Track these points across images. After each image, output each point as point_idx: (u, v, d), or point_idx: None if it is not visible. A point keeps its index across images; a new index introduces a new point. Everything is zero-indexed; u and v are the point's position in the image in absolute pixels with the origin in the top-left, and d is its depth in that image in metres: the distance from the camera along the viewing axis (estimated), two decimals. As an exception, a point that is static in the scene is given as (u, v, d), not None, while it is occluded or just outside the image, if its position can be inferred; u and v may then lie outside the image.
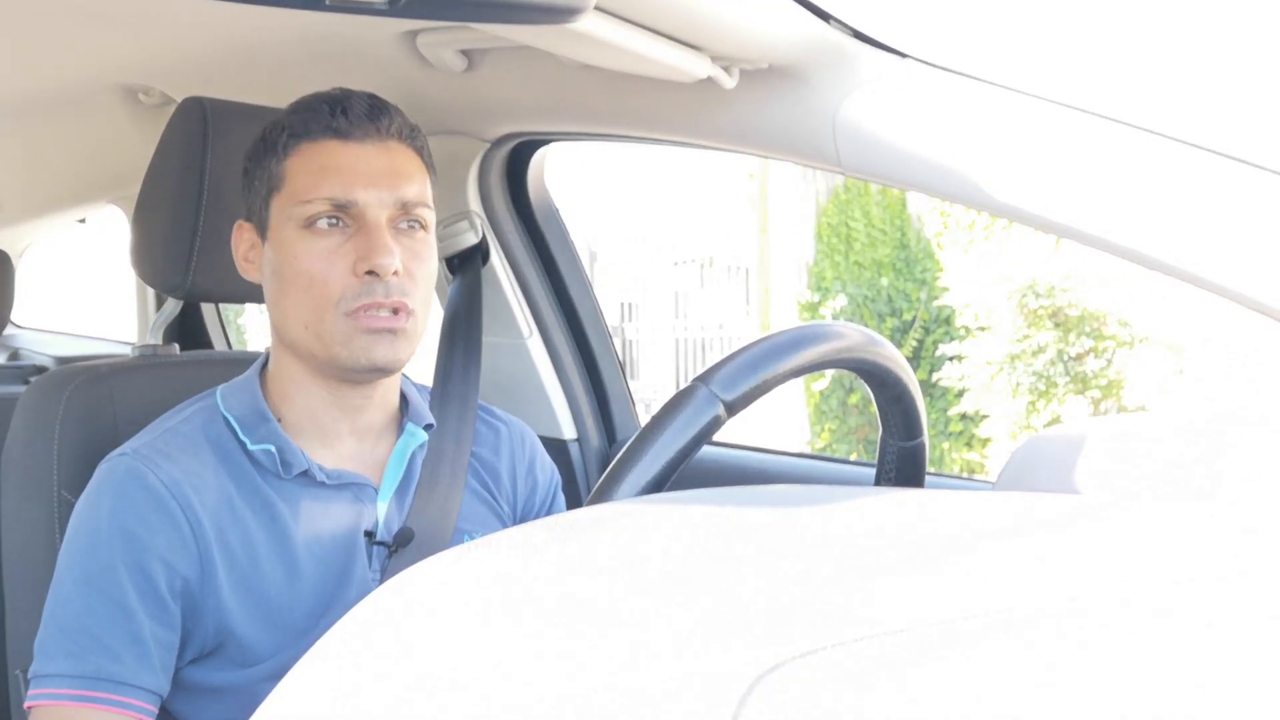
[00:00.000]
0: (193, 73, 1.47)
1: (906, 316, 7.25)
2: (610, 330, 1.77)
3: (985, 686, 0.31)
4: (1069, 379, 5.90)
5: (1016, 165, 0.94)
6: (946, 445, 6.84)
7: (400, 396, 1.09)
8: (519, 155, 1.63)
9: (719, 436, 0.81)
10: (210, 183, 1.14)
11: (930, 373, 6.79)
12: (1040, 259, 5.95)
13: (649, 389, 8.05)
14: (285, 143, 1.00)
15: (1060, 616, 0.35)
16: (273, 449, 1.00)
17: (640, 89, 1.20)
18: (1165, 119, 0.88)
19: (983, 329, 6.31)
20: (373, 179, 0.98)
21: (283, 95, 1.08)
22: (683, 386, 0.76)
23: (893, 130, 1.01)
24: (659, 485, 0.72)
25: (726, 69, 1.10)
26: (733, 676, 0.31)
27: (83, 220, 2.91)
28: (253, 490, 0.99)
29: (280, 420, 1.02)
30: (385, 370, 1.00)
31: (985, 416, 6.39)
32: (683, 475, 0.73)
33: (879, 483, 0.93)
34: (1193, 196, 0.86)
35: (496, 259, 1.63)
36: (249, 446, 1.00)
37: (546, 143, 1.61)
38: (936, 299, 7.01)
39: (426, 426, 1.09)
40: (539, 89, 1.35)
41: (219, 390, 1.06)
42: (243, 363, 1.12)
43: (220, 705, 0.98)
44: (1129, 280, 5.65)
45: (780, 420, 6.87)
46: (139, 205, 1.19)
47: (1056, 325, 5.94)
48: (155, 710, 0.94)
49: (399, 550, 1.03)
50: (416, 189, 1.00)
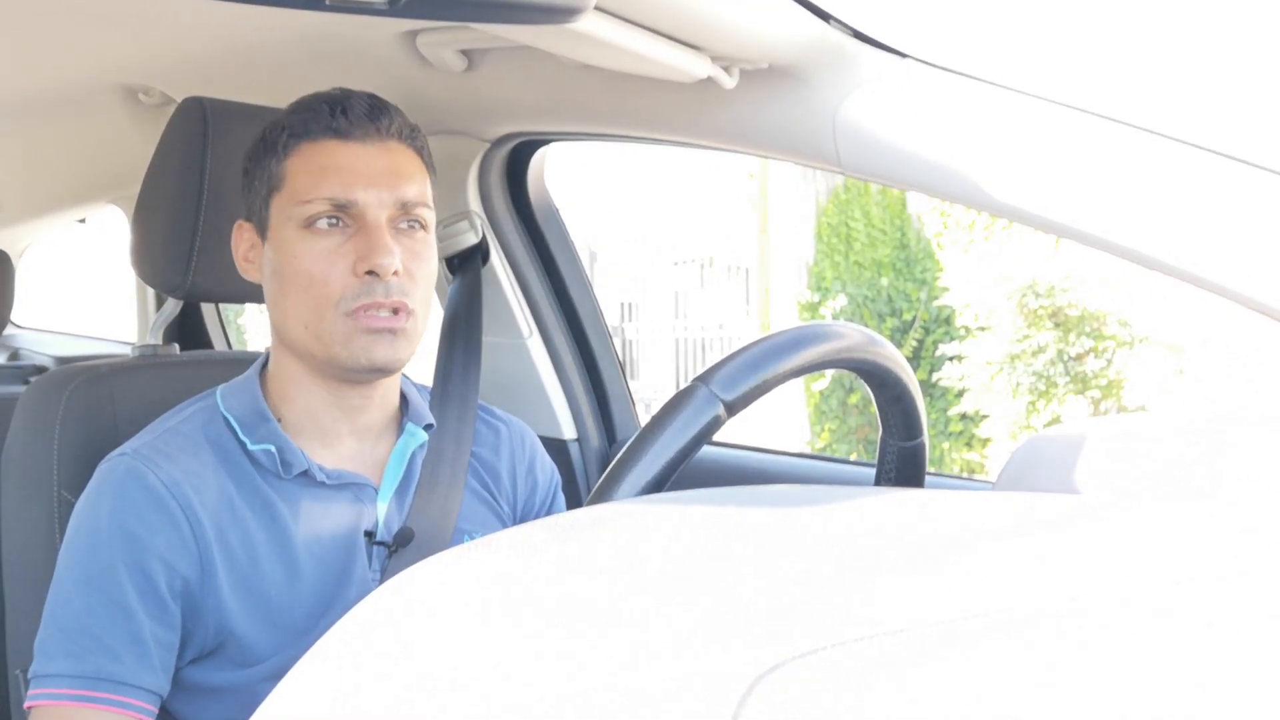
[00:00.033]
0: (193, 73, 1.47)
1: (906, 316, 7.25)
2: (610, 330, 1.77)
3: (985, 686, 0.31)
4: (1069, 379, 5.90)
5: (1016, 165, 0.94)
6: (946, 445, 6.84)
7: (400, 396, 1.09)
8: (519, 155, 1.63)
9: (719, 436, 0.81)
10: (210, 183, 1.14)
11: (930, 373, 6.79)
12: (1040, 259, 5.95)
13: (649, 389, 8.05)
14: (285, 143, 1.00)
15: (1060, 616, 0.35)
16: (273, 449, 1.00)
17: (640, 89, 1.20)
18: (1165, 119, 0.88)
19: (983, 329, 6.31)
20: (373, 179, 0.98)
21: (283, 95, 1.08)
22: (683, 386, 0.76)
23: (893, 130, 1.01)
24: (659, 485, 0.72)
25: (726, 69, 1.10)
26: (733, 676, 0.31)
27: (83, 220, 2.92)
28: (253, 490, 0.99)
29: (280, 420, 1.02)
30: (385, 370, 1.00)
31: (985, 416, 6.39)
32: (683, 475, 0.73)
33: (879, 483, 0.93)
34: (1193, 196, 0.86)
35: (496, 259, 1.63)
36: (249, 446, 1.00)
37: (546, 143, 1.61)
38: (936, 299, 7.01)
39: (426, 426, 1.09)
40: (539, 89, 1.35)
41: (219, 390, 1.06)
42: (243, 363, 1.12)
43: (220, 705, 0.98)
44: (1129, 280, 5.65)
45: (780, 420, 6.87)
46: (139, 205, 1.19)
47: (1056, 325, 5.94)
48: (155, 710, 0.94)
49: (399, 550, 1.03)
50: (417, 189, 1.01)
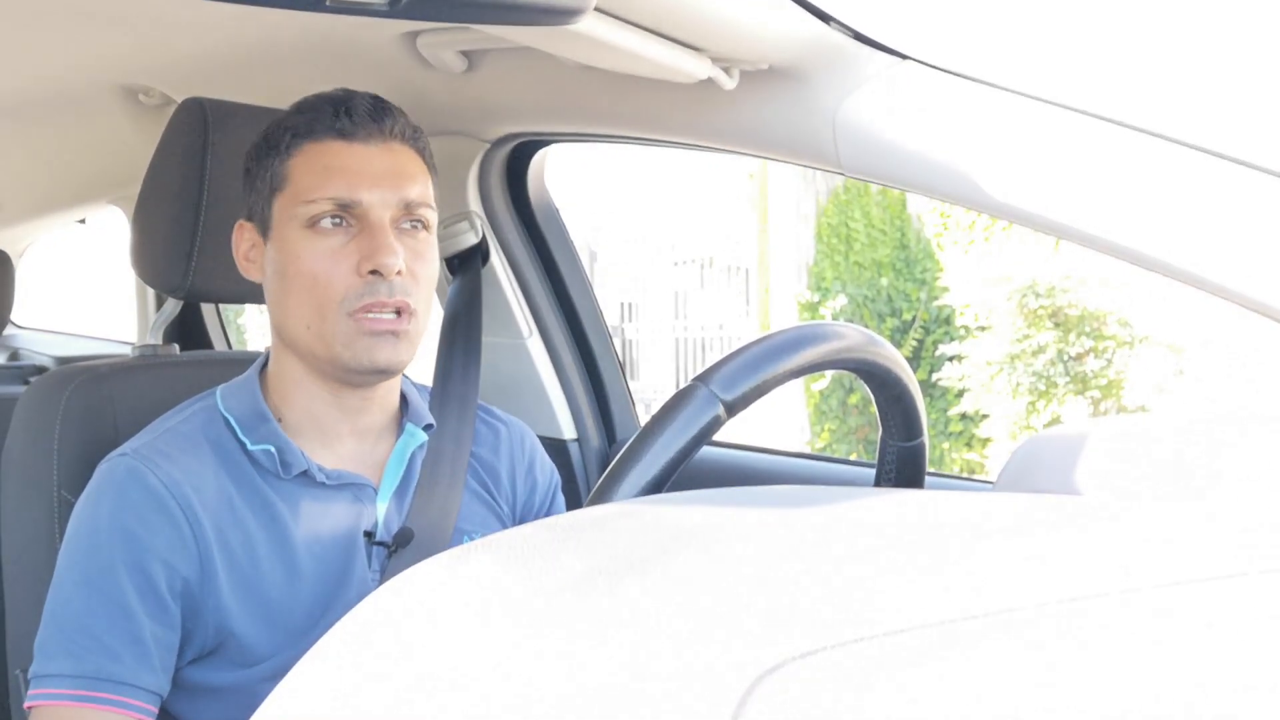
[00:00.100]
0: (193, 73, 1.47)
1: (906, 316, 7.25)
2: (610, 330, 1.77)
3: (985, 686, 0.31)
4: (1069, 379, 5.90)
5: (1016, 166, 0.94)
6: (946, 445, 6.84)
7: (400, 397, 1.09)
8: (519, 156, 1.63)
9: (719, 436, 0.81)
10: (210, 183, 1.14)
11: (930, 373, 6.79)
12: (1040, 259, 5.96)
13: (649, 389, 8.06)
14: (289, 143, 1.00)
15: (1060, 616, 0.35)
16: (272, 449, 1.00)
17: (640, 90, 1.20)
18: (1165, 120, 0.88)
19: (983, 329, 6.31)
20: (376, 179, 0.98)
21: (283, 95, 1.08)
22: (683, 386, 0.76)
23: (893, 131, 1.01)
24: (659, 485, 0.72)
25: (727, 70, 1.10)
26: (733, 676, 0.31)
27: (83, 220, 2.92)
28: (252, 490, 0.99)
29: (280, 420, 1.02)
30: (387, 372, 1.00)
31: (985, 416, 6.39)
32: (683, 475, 0.73)
33: (879, 483, 0.93)
34: (1193, 197, 0.86)
35: (496, 259, 1.63)
36: (249, 447, 1.00)
37: (547, 143, 1.61)
38: (936, 299, 7.01)
39: (426, 427, 1.09)
40: (539, 90, 1.35)
41: (219, 390, 1.06)
42: (243, 363, 1.12)
43: (220, 705, 0.98)
44: (1129, 280, 5.65)
45: (780, 420, 6.87)
46: (139, 205, 1.19)
47: (1056, 325, 5.94)
48: (155, 710, 0.94)
49: (399, 550, 1.03)
50: (419, 189, 1.01)
